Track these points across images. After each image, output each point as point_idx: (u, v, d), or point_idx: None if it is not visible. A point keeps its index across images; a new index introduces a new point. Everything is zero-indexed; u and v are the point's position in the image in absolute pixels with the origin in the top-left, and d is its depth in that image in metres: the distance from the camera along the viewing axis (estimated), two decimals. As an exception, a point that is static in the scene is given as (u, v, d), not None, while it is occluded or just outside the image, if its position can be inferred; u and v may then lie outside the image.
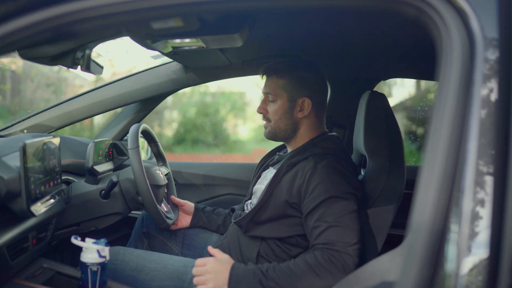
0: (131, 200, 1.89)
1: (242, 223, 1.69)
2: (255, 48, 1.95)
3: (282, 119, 1.71)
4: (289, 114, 1.71)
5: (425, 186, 0.76)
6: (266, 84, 1.73)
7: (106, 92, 2.27)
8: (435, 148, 0.77)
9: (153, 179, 1.87)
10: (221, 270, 1.50)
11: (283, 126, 1.72)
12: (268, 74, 1.73)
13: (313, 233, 1.52)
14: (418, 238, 0.75)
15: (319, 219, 1.51)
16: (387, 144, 1.73)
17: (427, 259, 0.73)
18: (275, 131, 1.74)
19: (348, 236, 1.48)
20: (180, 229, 2.04)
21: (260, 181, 1.84)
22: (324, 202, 1.52)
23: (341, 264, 1.45)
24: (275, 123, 1.72)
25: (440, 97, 0.79)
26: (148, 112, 2.40)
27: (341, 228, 1.48)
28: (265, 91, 1.73)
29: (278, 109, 1.71)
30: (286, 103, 1.70)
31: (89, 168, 1.85)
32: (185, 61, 2.09)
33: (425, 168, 0.77)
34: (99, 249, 1.44)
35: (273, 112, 1.72)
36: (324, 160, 1.59)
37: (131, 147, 1.78)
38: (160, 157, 2.15)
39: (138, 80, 2.27)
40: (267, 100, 1.74)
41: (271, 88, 1.72)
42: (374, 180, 1.71)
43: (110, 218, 1.90)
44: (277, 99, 1.71)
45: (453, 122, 0.76)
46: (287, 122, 1.72)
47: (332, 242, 1.47)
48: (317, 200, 1.53)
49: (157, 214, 1.81)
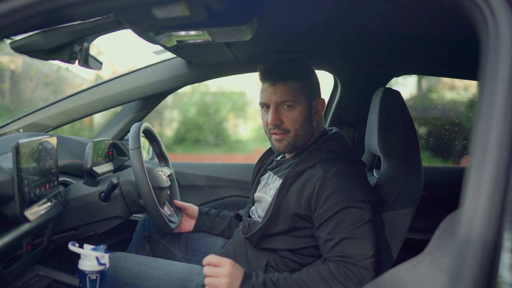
0: (132, 203, 1.80)
1: (252, 239, 1.59)
2: (263, 43, 1.86)
3: (304, 126, 1.58)
4: (309, 119, 1.59)
5: (474, 194, 0.66)
6: (281, 90, 1.55)
7: (105, 89, 2.17)
8: (483, 152, 0.67)
9: (156, 181, 1.79)
10: (237, 276, 1.39)
11: (304, 134, 1.59)
12: (285, 79, 1.55)
13: (326, 245, 1.44)
14: (469, 251, 0.65)
15: (332, 231, 1.42)
16: (403, 144, 1.63)
17: (480, 275, 0.63)
18: (295, 141, 1.59)
19: (364, 248, 1.39)
20: (183, 233, 1.95)
21: (262, 188, 1.74)
22: (337, 214, 1.43)
23: (357, 279, 1.36)
24: (296, 132, 1.57)
25: (487, 95, 0.69)
26: (150, 110, 2.30)
27: (357, 240, 1.40)
28: (281, 100, 1.55)
29: (299, 116, 1.56)
30: (306, 108, 1.58)
31: (88, 169, 1.77)
32: (189, 56, 2.00)
33: (472, 174, 0.67)
34: (99, 256, 1.37)
35: (292, 120, 1.56)
36: (333, 168, 1.49)
37: (132, 147, 1.70)
38: (163, 158, 2.05)
39: (139, 77, 2.17)
40: (281, 109, 1.57)
41: (289, 94, 1.55)
42: (390, 182, 1.62)
43: (110, 222, 1.82)
44: (296, 105, 1.56)
45: (503, 122, 0.66)
46: (308, 128, 1.60)
47: (348, 255, 1.38)
48: (330, 212, 1.43)
49: (160, 218, 1.72)
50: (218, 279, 1.37)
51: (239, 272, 1.39)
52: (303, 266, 1.54)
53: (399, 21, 1.51)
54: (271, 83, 1.57)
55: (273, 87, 1.56)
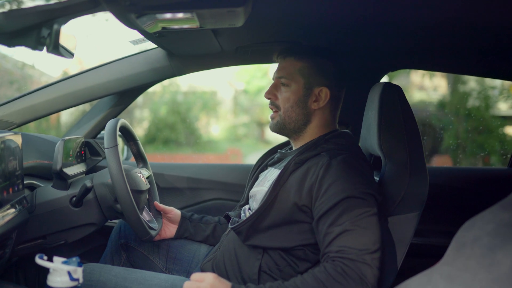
0: (108, 208, 1.61)
1: (241, 229, 1.44)
2: (252, 33, 1.69)
3: (294, 107, 1.52)
4: (302, 103, 1.52)
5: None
6: (281, 66, 1.56)
7: (77, 83, 1.96)
8: None
9: (134, 184, 1.60)
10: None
11: (294, 116, 1.52)
12: (285, 56, 1.55)
13: (325, 239, 1.30)
14: None
15: (333, 223, 1.29)
16: (405, 142, 1.50)
17: None
18: (284, 121, 1.53)
19: (367, 241, 1.26)
20: (163, 240, 1.77)
21: (259, 183, 1.61)
22: (340, 203, 1.30)
23: (358, 276, 1.22)
24: (286, 111, 1.53)
25: None
26: (126, 106, 2.11)
27: (358, 232, 1.27)
28: (278, 75, 1.55)
29: (290, 96, 1.52)
30: (301, 90, 1.52)
31: (57, 171, 1.57)
32: (171, 46, 1.81)
33: None
34: (71, 270, 1.17)
35: (284, 98, 1.53)
36: (340, 156, 1.39)
37: (109, 145, 1.51)
38: (141, 158, 1.86)
39: (114, 69, 1.97)
40: (279, 85, 1.55)
41: (286, 70, 1.53)
42: (394, 184, 1.48)
43: (83, 229, 1.62)
44: (291, 84, 1.52)
45: None
46: (299, 112, 1.52)
47: (346, 250, 1.24)
48: (332, 201, 1.31)
49: (140, 225, 1.54)
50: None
51: (223, 285, 1.26)
52: (299, 273, 1.39)
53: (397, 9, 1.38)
54: (276, 59, 1.59)
55: (277, 62, 1.59)
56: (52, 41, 1.18)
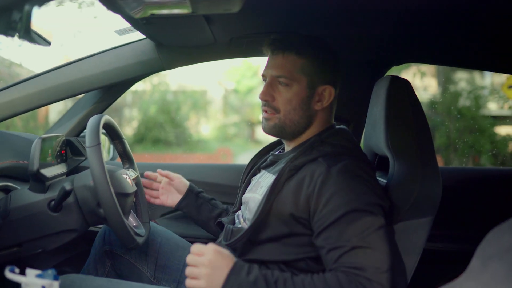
0: (90, 213, 1.46)
1: (237, 245, 1.30)
2: (248, 22, 1.56)
3: (297, 110, 1.35)
4: (306, 104, 1.35)
5: None
6: (279, 63, 1.35)
7: (58, 76, 1.80)
8: None
9: (119, 186, 1.46)
10: (220, 266, 1.12)
11: (296, 119, 1.36)
12: (285, 50, 1.34)
13: (331, 256, 1.15)
14: None
15: (338, 239, 1.15)
16: (416, 141, 1.38)
17: None
18: (284, 124, 1.37)
19: (380, 260, 1.12)
20: (152, 247, 1.62)
21: (252, 188, 1.46)
22: (343, 218, 1.16)
23: None
24: (287, 114, 1.35)
25: None
26: (111, 102, 1.96)
27: (370, 250, 1.13)
28: (276, 74, 1.35)
29: (293, 97, 1.34)
30: (305, 91, 1.35)
31: (34, 172, 1.42)
32: (160, 36, 1.67)
33: None
34: (45, 285, 1.03)
35: (285, 100, 1.35)
36: (339, 163, 1.24)
37: (90, 144, 1.37)
38: (127, 158, 1.71)
39: (98, 62, 1.82)
40: (276, 84, 1.36)
41: (286, 69, 1.34)
42: (404, 187, 1.34)
43: (63, 236, 1.48)
44: (293, 84, 1.34)
45: None
46: (302, 115, 1.36)
47: (361, 268, 1.11)
48: (334, 215, 1.17)
49: (124, 232, 1.39)
50: (198, 269, 1.12)
51: (225, 262, 1.13)
52: None
53: None
54: (270, 53, 1.38)
55: (272, 58, 1.38)
56: (24, 26, 1.04)
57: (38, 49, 7.21)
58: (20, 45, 6.57)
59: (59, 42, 7.73)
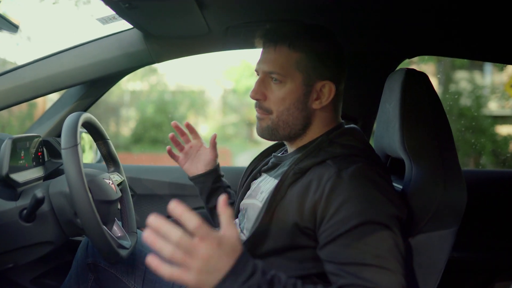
0: (67, 223, 1.30)
1: None
2: (245, 10, 1.40)
3: (292, 110, 1.19)
4: (302, 103, 1.19)
5: None
6: (271, 57, 1.20)
7: (37, 71, 1.64)
8: None
9: (100, 193, 1.30)
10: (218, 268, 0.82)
11: (290, 121, 1.20)
12: (277, 42, 1.19)
13: (337, 272, 0.99)
14: None
15: (347, 254, 0.99)
16: (436, 141, 1.21)
17: None
18: (277, 126, 1.21)
19: (396, 280, 0.96)
20: (140, 259, 1.46)
21: (251, 194, 1.30)
22: (355, 230, 1.00)
23: None
24: (280, 115, 1.20)
25: None
26: (96, 99, 1.79)
27: (384, 270, 0.97)
28: (268, 69, 1.19)
29: (286, 96, 1.19)
30: (300, 88, 1.19)
31: (3, 177, 1.25)
32: (148, 25, 1.50)
33: None
34: None
35: (278, 99, 1.20)
36: (351, 166, 1.07)
37: (66, 145, 1.20)
38: (112, 161, 1.54)
39: (81, 54, 1.66)
40: (268, 81, 1.21)
41: (278, 64, 1.18)
42: (424, 195, 1.17)
43: (37, 249, 1.32)
44: (287, 81, 1.19)
45: None
46: (298, 115, 1.20)
47: (375, 285, 0.95)
48: (345, 226, 1.00)
49: (105, 245, 1.23)
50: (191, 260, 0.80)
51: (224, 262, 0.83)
52: None
53: None
54: (263, 46, 1.24)
55: (264, 51, 1.23)
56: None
57: (36, 50, 7.07)
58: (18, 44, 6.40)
59: (56, 41, 7.58)
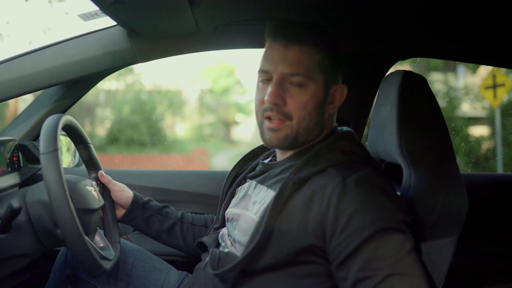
0: (45, 234, 1.21)
1: (227, 276, 1.06)
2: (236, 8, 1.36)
3: (312, 115, 1.12)
4: (321, 108, 1.13)
5: None
6: (295, 57, 1.10)
7: (12, 70, 1.55)
8: None
9: (81, 201, 1.21)
10: None
11: (311, 126, 1.12)
12: (301, 42, 1.09)
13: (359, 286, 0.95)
14: None
15: (365, 266, 0.94)
16: (435, 146, 1.18)
17: None
18: (297, 134, 1.12)
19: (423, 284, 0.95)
20: (123, 269, 1.38)
21: (239, 202, 1.23)
22: (370, 240, 0.96)
23: None
24: (301, 121, 1.11)
25: None
26: (75, 100, 1.70)
27: (406, 277, 0.94)
28: (291, 71, 1.09)
29: (309, 100, 1.10)
30: (321, 92, 1.12)
31: None
32: (133, 22, 1.43)
33: None
34: None
35: (300, 104, 1.10)
36: (356, 173, 1.03)
37: (45, 150, 1.11)
38: (93, 166, 1.45)
39: (60, 52, 1.57)
40: (286, 85, 1.10)
41: (303, 65, 1.09)
42: (425, 201, 1.14)
43: (12, 262, 1.22)
44: (309, 84, 1.10)
45: None
46: (317, 121, 1.13)
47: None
48: (359, 238, 0.96)
49: (88, 257, 1.14)
50: None
51: None
52: None
53: None
54: (283, 44, 1.10)
55: (284, 50, 1.10)
56: None
57: (8, 48, 6.89)
58: None
59: (28, 39, 7.38)
